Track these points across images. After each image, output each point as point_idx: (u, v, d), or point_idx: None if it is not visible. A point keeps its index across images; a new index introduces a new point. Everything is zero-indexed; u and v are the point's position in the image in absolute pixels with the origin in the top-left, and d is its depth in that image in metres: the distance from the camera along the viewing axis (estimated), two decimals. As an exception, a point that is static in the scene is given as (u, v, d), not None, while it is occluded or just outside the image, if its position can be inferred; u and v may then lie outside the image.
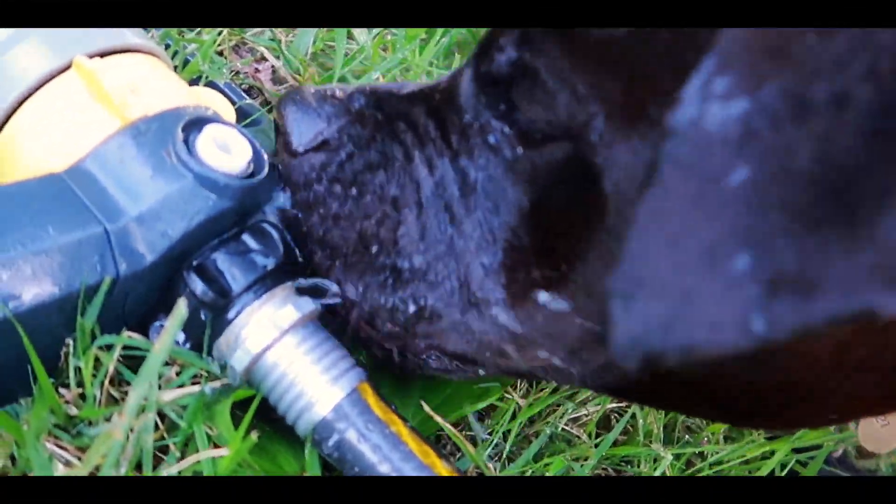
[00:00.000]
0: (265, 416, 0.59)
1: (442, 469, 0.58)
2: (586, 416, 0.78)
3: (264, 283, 0.57)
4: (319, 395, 0.57)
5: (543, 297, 0.53)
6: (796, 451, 0.83)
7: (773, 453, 0.80)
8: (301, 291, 0.59)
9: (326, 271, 0.59)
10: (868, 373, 0.49)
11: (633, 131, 0.46)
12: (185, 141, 0.56)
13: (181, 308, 0.44)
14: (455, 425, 0.69)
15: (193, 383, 0.57)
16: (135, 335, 0.56)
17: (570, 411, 0.77)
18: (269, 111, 0.81)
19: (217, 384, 0.54)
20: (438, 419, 0.63)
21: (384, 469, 0.57)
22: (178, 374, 0.57)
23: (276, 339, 0.56)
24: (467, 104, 0.56)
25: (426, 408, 0.63)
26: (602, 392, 0.65)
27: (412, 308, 0.58)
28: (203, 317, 0.56)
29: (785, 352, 0.48)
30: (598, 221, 0.49)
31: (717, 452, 0.80)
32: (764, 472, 0.79)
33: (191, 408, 0.54)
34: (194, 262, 0.56)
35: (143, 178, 0.54)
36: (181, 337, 0.58)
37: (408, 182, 0.57)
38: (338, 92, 0.61)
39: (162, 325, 0.58)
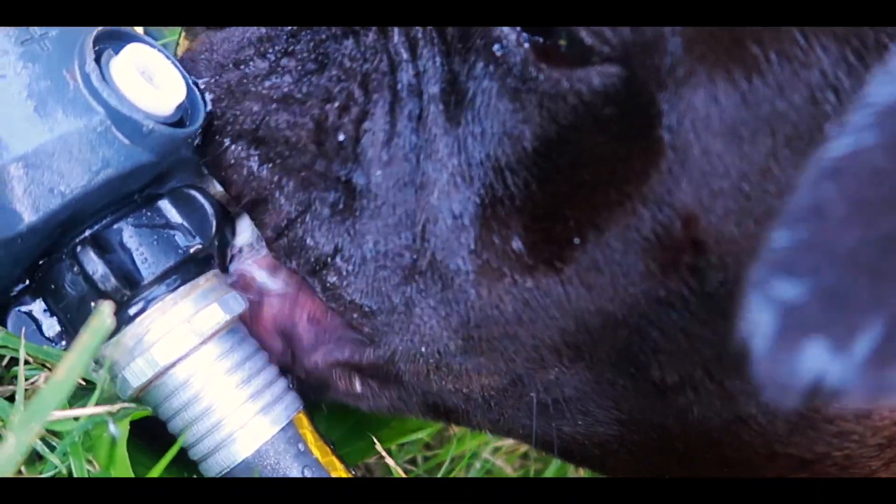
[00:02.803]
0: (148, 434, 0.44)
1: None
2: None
3: (185, 270, 0.42)
4: (243, 429, 0.42)
5: (524, 274, 0.40)
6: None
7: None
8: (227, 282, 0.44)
9: (250, 178, 0.43)
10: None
11: (721, 70, 0.35)
12: (97, 61, 0.40)
13: (104, 318, 0.29)
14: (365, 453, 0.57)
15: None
16: (-10, 325, 0.39)
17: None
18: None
19: (115, 408, 0.38)
20: (388, 458, 0.50)
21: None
22: (45, 380, 0.41)
23: (193, 348, 0.42)
24: None
25: (378, 446, 0.50)
26: (547, 450, 0.47)
27: (357, 252, 0.43)
28: (93, 307, 0.40)
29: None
30: (639, 181, 0.37)
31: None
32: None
33: (68, 438, 0.38)
34: (89, 233, 0.41)
35: (30, 107, 0.38)
36: (53, 327, 0.42)
37: (383, 60, 0.42)
38: None
39: (28, 313, 0.41)
